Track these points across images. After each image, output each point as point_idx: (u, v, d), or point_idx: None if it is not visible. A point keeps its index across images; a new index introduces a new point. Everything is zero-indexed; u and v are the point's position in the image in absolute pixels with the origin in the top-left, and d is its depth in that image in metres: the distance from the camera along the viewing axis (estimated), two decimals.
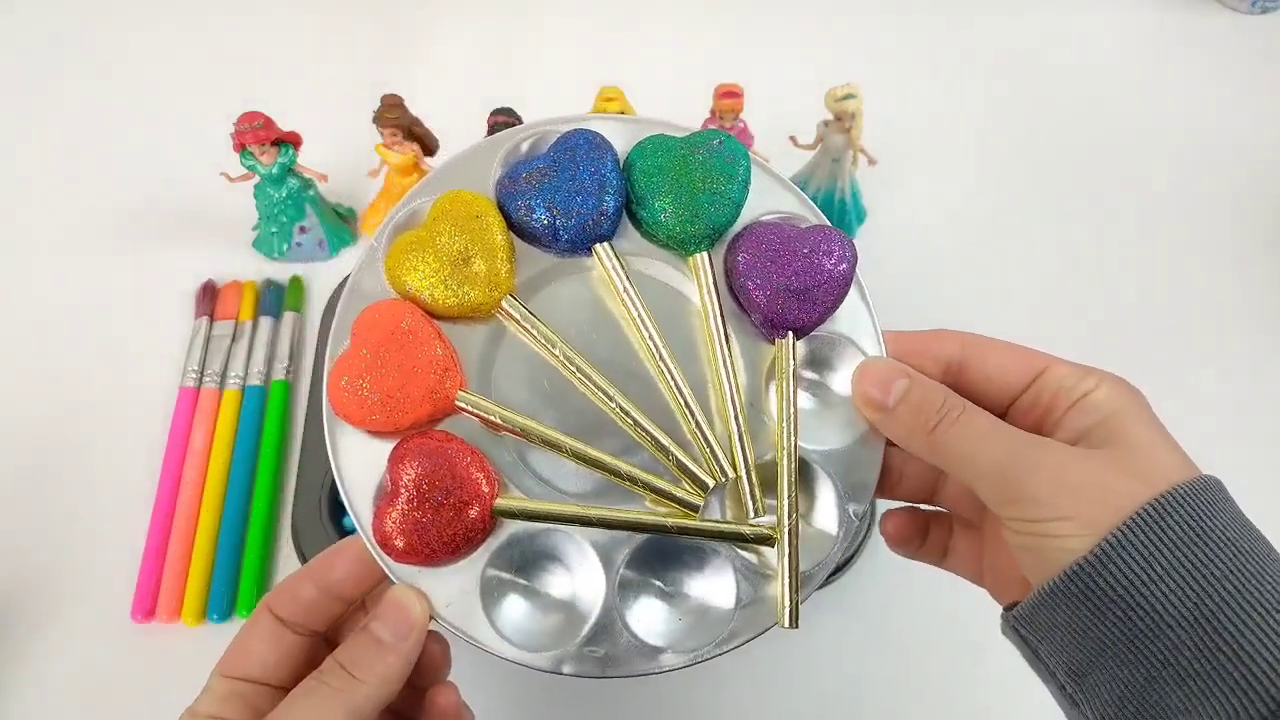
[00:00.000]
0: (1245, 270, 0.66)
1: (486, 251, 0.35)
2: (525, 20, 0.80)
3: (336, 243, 0.65)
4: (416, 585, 0.33)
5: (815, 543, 0.35)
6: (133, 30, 0.79)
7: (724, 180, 0.36)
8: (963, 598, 0.54)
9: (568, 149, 0.36)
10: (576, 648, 0.33)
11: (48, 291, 0.64)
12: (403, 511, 0.32)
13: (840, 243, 0.36)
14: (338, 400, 0.33)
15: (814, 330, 0.36)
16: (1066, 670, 0.30)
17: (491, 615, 0.33)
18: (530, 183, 0.36)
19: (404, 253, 0.35)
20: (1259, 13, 0.81)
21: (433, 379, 0.34)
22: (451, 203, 0.35)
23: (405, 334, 0.34)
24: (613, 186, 0.36)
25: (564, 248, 0.36)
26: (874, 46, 0.79)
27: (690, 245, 0.36)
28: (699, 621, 0.34)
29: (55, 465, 0.57)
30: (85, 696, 0.50)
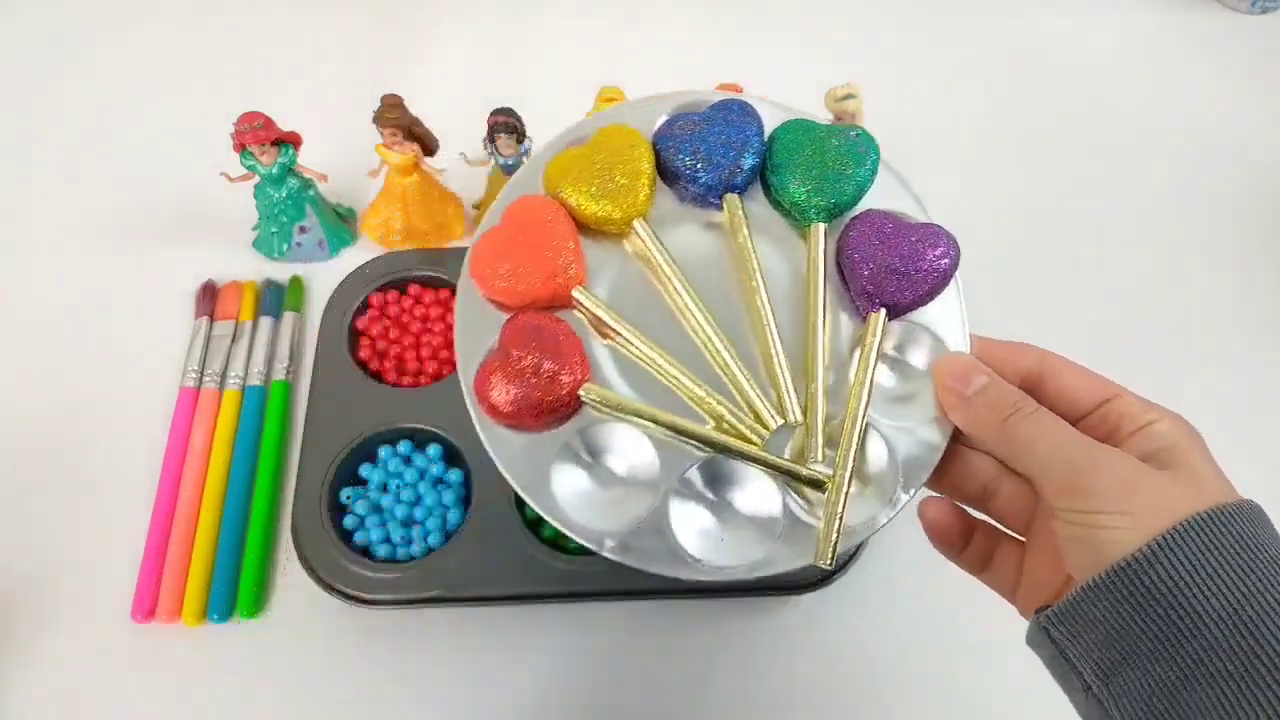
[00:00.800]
0: (1245, 270, 0.66)
1: (631, 176, 0.39)
2: (525, 20, 0.80)
3: (336, 243, 0.65)
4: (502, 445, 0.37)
5: (864, 503, 0.37)
6: (132, 30, 0.79)
7: (853, 165, 0.40)
8: (963, 598, 0.54)
9: (722, 109, 0.41)
10: (620, 535, 0.36)
11: (48, 291, 0.64)
12: (504, 370, 0.36)
13: (946, 239, 0.39)
14: (476, 263, 0.38)
15: (906, 314, 0.39)
16: (1095, 670, 0.31)
17: (555, 484, 0.36)
18: (684, 130, 0.40)
19: (563, 162, 0.40)
20: (1259, 13, 0.81)
21: (558, 266, 0.38)
22: (613, 132, 0.40)
23: (547, 224, 0.39)
24: (753, 148, 0.40)
25: (698, 190, 0.40)
26: (874, 46, 0.79)
27: (811, 214, 0.40)
28: (737, 545, 0.37)
29: (55, 465, 0.57)
30: (85, 696, 0.50)
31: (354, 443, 0.55)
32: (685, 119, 0.41)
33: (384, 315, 0.61)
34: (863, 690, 0.51)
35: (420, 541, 0.53)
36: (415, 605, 0.52)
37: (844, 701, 0.51)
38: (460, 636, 0.52)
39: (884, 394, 0.38)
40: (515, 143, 0.58)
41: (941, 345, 0.39)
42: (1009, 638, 0.53)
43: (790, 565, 0.37)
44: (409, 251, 0.64)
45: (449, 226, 0.65)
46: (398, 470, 0.55)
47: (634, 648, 0.52)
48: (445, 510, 0.54)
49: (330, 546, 0.52)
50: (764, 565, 0.36)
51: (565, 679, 0.52)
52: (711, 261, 0.40)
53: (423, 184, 0.62)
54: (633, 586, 0.51)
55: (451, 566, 0.51)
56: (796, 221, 0.41)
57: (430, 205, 0.63)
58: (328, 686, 0.51)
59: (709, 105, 0.41)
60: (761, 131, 0.41)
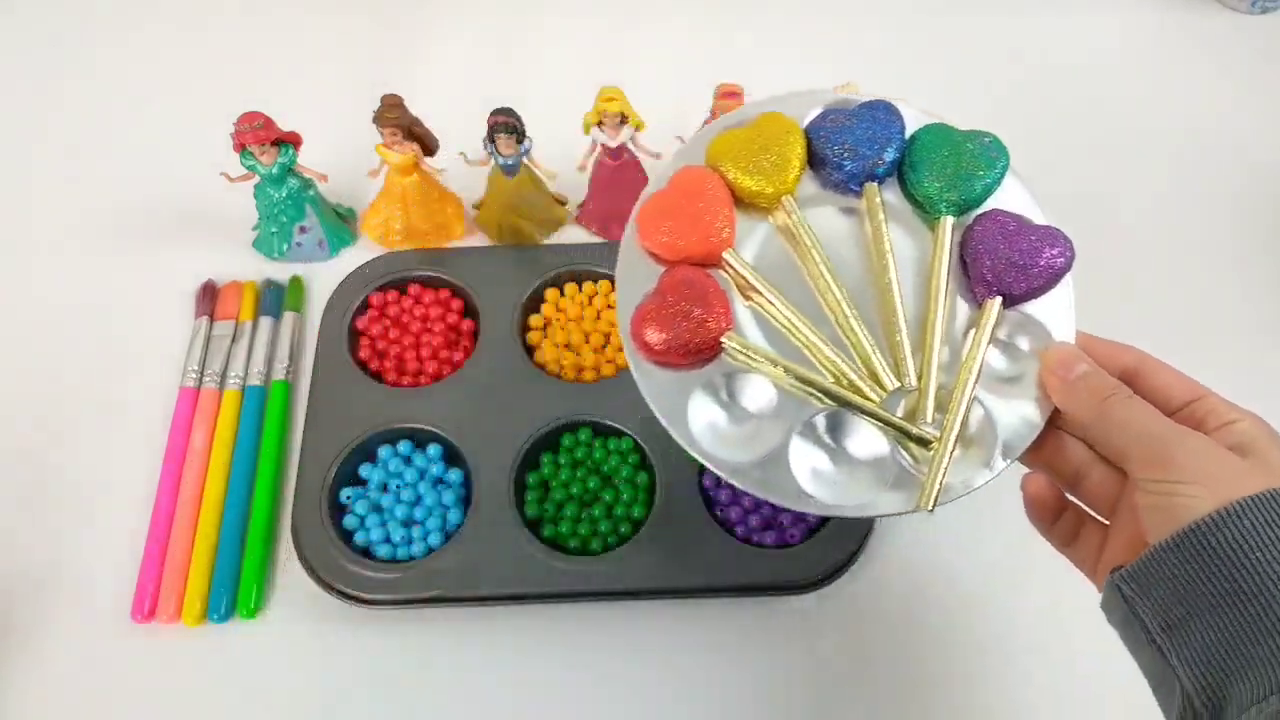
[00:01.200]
0: (1245, 270, 0.66)
1: (783, 158, 0.44)
2: (525, 20, 0.80)
3: (336, 243, 0.65)
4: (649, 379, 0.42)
5: (964, 465, 0.41)
6: (133, 30, 0.79)
7: (984, 167, 0.44)
8: (962, 599, 0.54)
9: (870, 108, 0.46)
10: (745, 465, 0.41)
11: (48, 291, 0.64)
12: (659, 312, 0.42)
13: (1064, 241, 0.43)
14: (643, 220, 0.44)
15: (1020, 304, 0.43)
16: (1160, 623, 0.34)
17: (690, 416, 0.41)
18: (835, 123, 0.45)
19: (725, 140, 0.45)
20: (1259, 13, 0.81)
21: (713, 229, 0.43)
22: (771, 119, 0.46)
23: (707, 192, 0.44)
24: (895, 144, 0.45)
25: (842, 177, 0.45)
26: (873, 46, 0.79)
27: (941, 208, 0.44)
28: (848, 487, 0.41)
29: (55, 465, 0.57)
30: (86, 696, 0.50)
31: (354, 443, 0.55)
32: (837, 113, 0.46)
33: (384, 315, 0.61)
34: (863, 690, 0.51)
35: (420, 541, 0.53)
36: (415, 605, 0.52)
37: (844, 701, 0.51)
38: (460, 636, 0.52)
39: (992, 373, 0.42)
40: (515, 142, 0.58)
41: (1048, 335, 0.42)
42: (1008, 638, 0.54)
43: (892, 510, 0.41)
44: (409, 251, 0.64)
45: (449, 226, 0.65)
46: (398, 470, 0.55)
47: (633, 648, 0.52)
48: (445, 510, 0.54)
49: (330, 546, 0.52)
50: (869, 507, 0.41)
51: (565, 679, 0.52)
52: (845, 241, 0.45)
53: (423, 184, 0.62)
54: (632, 587, 0.51)
55: (451, 567, 0.52)
56: (926, 214, 0.45)
57: (430, 205, 0.63)
58: (328, 686, 0.51)
59: (859, 103, 0.46)
60: (903, 130, 0.46)
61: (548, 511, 0.54)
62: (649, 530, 0.52)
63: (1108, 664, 0.53)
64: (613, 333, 0.60)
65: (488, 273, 0.62)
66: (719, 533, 0.52)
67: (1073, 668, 0.52)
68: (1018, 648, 0.53)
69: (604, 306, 0.61)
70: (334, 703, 0.51)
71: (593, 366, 0.59)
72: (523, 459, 0.55)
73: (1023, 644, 0.53)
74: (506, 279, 0.62)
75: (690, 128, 0.61)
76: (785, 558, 0.52)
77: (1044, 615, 0.54)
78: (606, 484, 0.55)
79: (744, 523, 0.53)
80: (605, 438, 0.56)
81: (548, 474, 0.55)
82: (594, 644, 0.52)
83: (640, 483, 0.55)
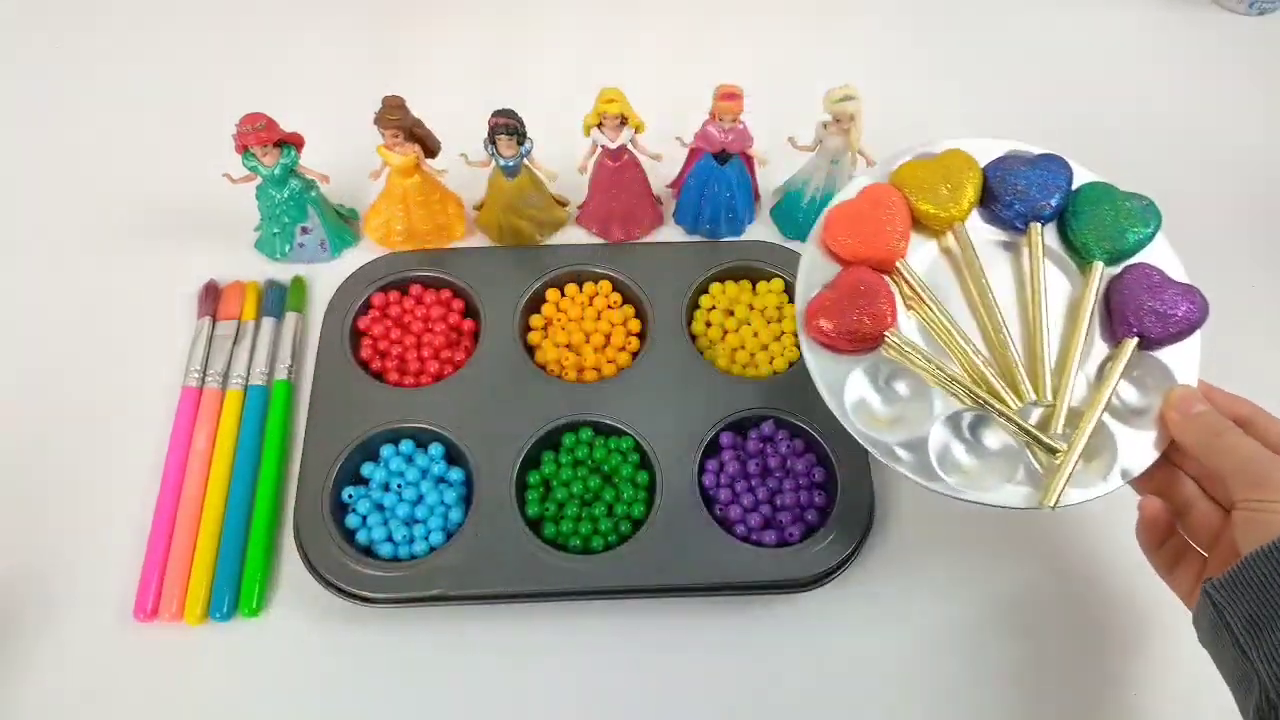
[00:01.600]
0: (1244, 270, 0.66)
1: (959, 189, 0.52)
2: (526, 22, 0.80)
3: (338, 243, 0.65)
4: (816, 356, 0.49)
5: (1084, 476, 0.47)
6: (134, 30, 0.79)
7: (1139, 225, 0.51)
8: (960, 599, 0.54)
9: (1045, 159, 0.53)
10: (888, 442, 0.47)
11: (51, 291, 0.65)
12: (833, 301, 0.49)
13: (1201, 300, 0.49)
14: (830, 223, 0.51)
15: (1153, 348, 0.49)
16: (1245, 623, 0.38)
17: (847, 394, 0.48)
18: (1011, 166, 0.52)
19: (912, 168, 0.53)
20: (1256, 14, 0.81)
21: (892, 238, 0.50)
22: (954, 155, 0.53)
23: (890, 207, 0.51)
24: (1062, 193, 0.52)
25: (1010, 215, 0.52)
26: (873, 48, 0.79)
27: (1095, 254, 0.51)
28: (979, 478, 0.47)
29: (59, 464, 0.57)
30: (89, 696, 0.51)
31: (356, 442, 0.55)
32: (1015, 158, 0.53)
33: (386, 315, 0.61)
34: (862, 690, 0.52)
35: (422, 540, 0.53)
36: (417, 604, 0.52)
37: (843, 701, 0.51)
38: (461, 635, 0.52)
39: (1120, 402, 0.49)
40: (515, 144, 0.59)
41: (1173, 378, 0.48)
42: (1007, 637, 0.54)
43: (1016, 503, 0.46)
44: (410, 252, 0.64)
45: (450, 227, 0.65)
46: (400, 469, 0.55)
47: (634, 646, 0.52)
48: (447, 509, 0.54)
49: (333, 545, 0.52)
50: (994, 499, 0.47)
51: (565, 677, 0.52)
52: (999, 269, 0.52)
53: (424, 185, 0.62)
54: (633, 585, 0.52)
55: (453, 565, 0.52)
56: (1080, 258, 0.51)
57: (431, 206, 0.63)
58: (329, 685, 0.51)
59: (1036, 153, 0.53)
60: (1071, 182, 0.52)
61: (549, 510, 0.54)
62: (649, 529, 0.53)
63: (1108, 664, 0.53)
64: (613, 332, 0.61)
65: (489, 273, 0.62)
66: (719, 532, 0.53)
67: (1073, 667, 0.52)
68: (1016, 647, 0.53)
69: (604, 307, 0.62)
70: (336, 701, 0.51)
71: (593, 366, 0.60)
72: (524, 458, 0.55)
73: (1021, 645, 0.53)
74: (508, 279, 0.62)
75: (690, 129, 0.61)
76: (785, 556, 0.52)
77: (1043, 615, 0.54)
78: (607, 483, 0.55)
79: (744, 521, 0.54)
80: (606, 437, 0.56)
81: (549, 473, 0.55)
82: (594, 643, 0.53)
83: (641, 482, 0.55)
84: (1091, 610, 0.54)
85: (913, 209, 0.52)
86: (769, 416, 0.57)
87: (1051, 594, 0.54)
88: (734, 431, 0.56)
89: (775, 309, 0.62)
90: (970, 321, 0.50)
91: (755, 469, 0.55)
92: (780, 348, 0.60)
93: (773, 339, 0.60)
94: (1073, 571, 0.55)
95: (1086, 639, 0.53)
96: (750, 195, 0.66)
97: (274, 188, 0.61)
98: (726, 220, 0.65)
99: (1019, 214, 0.51)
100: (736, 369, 0.59)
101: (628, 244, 0.65)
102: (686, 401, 0.57)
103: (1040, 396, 0.48)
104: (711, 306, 0.62)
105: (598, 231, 0.66)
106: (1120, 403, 0.49)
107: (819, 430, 0.55)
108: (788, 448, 0.56)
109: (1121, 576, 0.54)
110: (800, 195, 0.65)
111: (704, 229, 0.66)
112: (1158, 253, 0.52)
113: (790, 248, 0.64)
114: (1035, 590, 0.54)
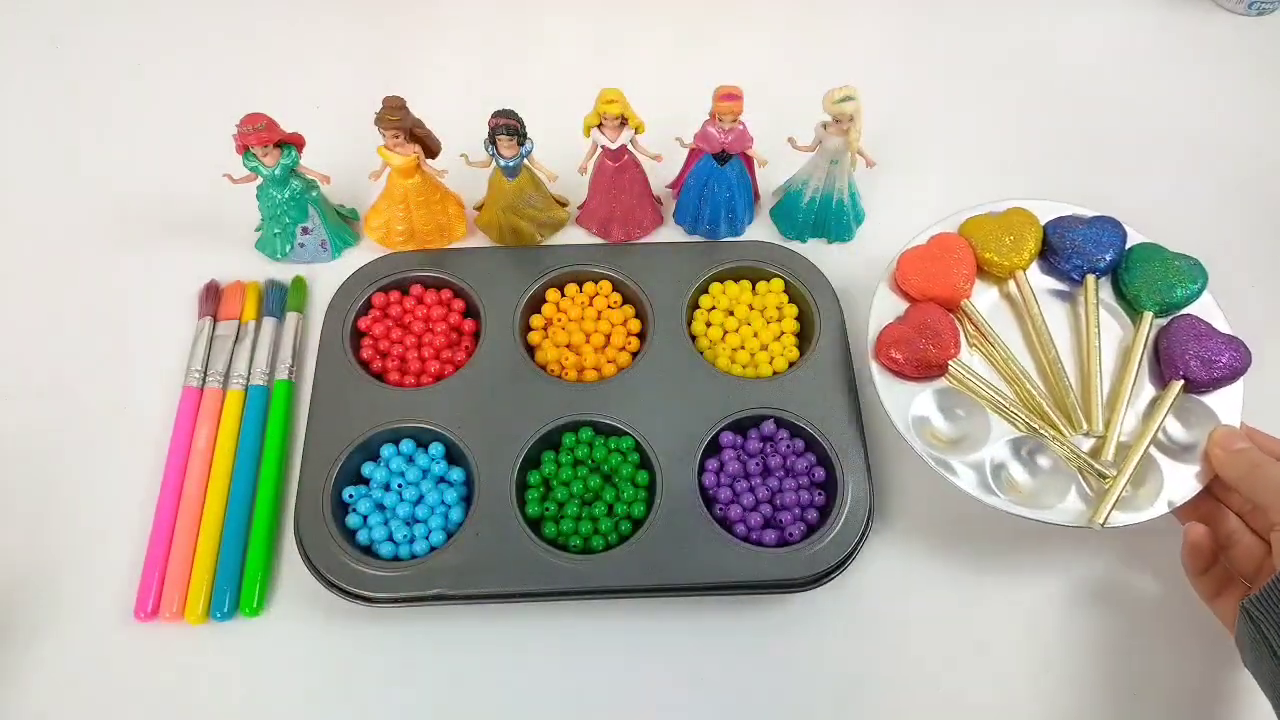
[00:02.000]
0: (1244, 270, 0.66)
1: (1020, 241, 0.58)
2: (526, 22, 0.80)
3: (339, 244, 0.65)
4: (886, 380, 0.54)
5: (1131, 502, 0.51)
6: (134, 29, 0.79)
7: (1187, 281, 0.56)
8: (960, 599, 0.55)
9: (1099, 220, 0.59)
10: (949, 461, 0.52)
11: (51, 292, 0.65)
12: (903, 331, 0.55)
13: (1245, 351, 0.54)
14: (904, 264, 0.58)
15: (1197, 392, 0.54)
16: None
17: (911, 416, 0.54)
18: (1070, 224, 0.59)
19: (979, 221, 0.60)
20: (1255, 14, 0.81)
21: (958, 281, 0.57)
22: (1017, 212, 0.60)
23: (959, 252, 0.58)
24: (1116, 250, 0.58)
25: (1067, 267, 0.58)
26: (873, 48, 0.79)
27: (1145, 305, 0.56)
28: (1032, 497, 0.52)
29: (59, 464, 0.57)
30: (89, 695, 0.51)
31: (356, 442, 0.55)
32: (1073, 218, 0.59)
33: (386, 315, 0.61)
34: (861, 689, 0.52)
35: (422, 540, 0.53)
36: (417, 603, 0.52)
37: (843, 700, 0.51)
38: (462, 634, 0.53)
39: (1167, 438, 0.53)
40: (516, 144, 0.59)
41: (1217, 419, 0.53)
42: (1006, 637, 0.54)
43: (1065, 521, 0.50)
44: (411, 252, 0.64)
45: (451, 228, 0.65)
46: (400, 469, 0.55)
47: (634, 646, 0.52)
48: (447, 509, 0.54)
49: (333, 545, 0.52)
50: (1046, 515, 0.51)
51: (565, 677, 0.52)
52: (1055, 315, 0.58)
53: (424, 186, 0.62)
54: (633, 585, 0.52)
55: (453, 565, 0.52)
56: (1131, 309, 0.57)
57: (432, 207, 0.63)
58: (330, 684, 0.51)
59: (1091, 215, 0.59)
60: (1124, 240, 0.58)
61: (549, 510, 0.54)
62: (650, 529, 0.53)
63: (1106, 663, 0.53)
64: (613, 332, 0.61)
65: (489, 273, 0.63)
66: (719, 531, 0.53)
67: (1072, 666, 0.52)
68: (1015, 647, 0.53)
69: (604, 307, 0.62)
70: (337, 700, 0.51)
71: (594, 366, 0.60)
72: (524, 458, 0.55)
73: (1019, 644, 0.53)
74: (508, 279, 0.62)
75: (690, 130, 0.61)
76: (785, 556, 0.52)
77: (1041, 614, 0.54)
78: (607, 483, 0.55)
79: (744, 521, 0.54)
80: (606, 437, 0.57)
81: (549, 473, 0.55)
82: (595, 642, 0.53)
83: (641, 481, 0.55)
84: (1091, 610, 0.54)
85: (978, 257, 0.58)
86: (769, 416, 0.57)
87: (1052, 594, 0.54)
88: (734, 431, 0.57)
89: (775, 309, 0.62)
90: (1028, 359, 0.56)
91: (755, 468, 0.55)
92: (780, 347, 0.60)
93: (773, 339, 0.61)
94: (1072, 574, 0.55)
95: (1087, 639, 0.53)
96: (750, 195, 0.66)
97: (275, 188, 0.61)
98: (726, 220, 0.65)
99: (1076, 267, 0.58)
100: (737, 369, 0.60)
101: (628, 244, 0.66)
102: (687, 401, 0.57)
103: (1092, 427, 0.53)
104: (712, 307, 0.62)
105: (598, 232, 0.66)
106: (1168, 439, 0.53)
107: (819, 430, 0.56)
108: (788, 447, 0.56)
109: (1120, 578, 0.55)
110: (800, 195, 0.65)
111: (704, 229, 0.66)
112: (1204, 306, 0.57)
113: (790, 248, 0.64)
114: (1036, 590, 0.54)
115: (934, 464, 0.51)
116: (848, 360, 0.59)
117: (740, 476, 0.55)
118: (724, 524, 0.54)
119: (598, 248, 0.65)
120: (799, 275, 0.62)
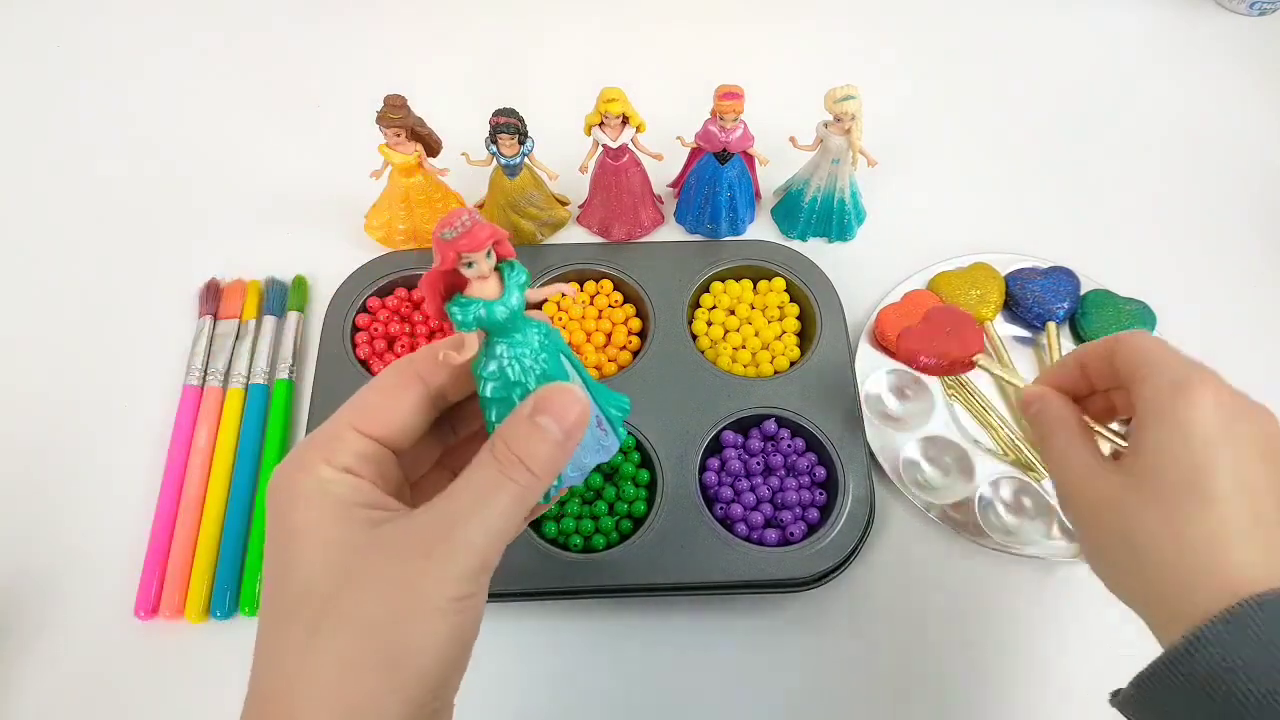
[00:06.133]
0: (1245, 270, 0.66)
1: (986, 294, 0.62)
2: (527, 22, 0.80)
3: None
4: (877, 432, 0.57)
5: None
6: (133, 25, 0.79)
7: (1138, 323, 0.61)
8: (961, 598, 0.54)
9: (1055, 271, 0.63)
10: (939, 505, 0.56)
11: (51, 290, 0.65)
12: (924, 329, 0.55)
13: None
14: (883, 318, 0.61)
15: None
16: None
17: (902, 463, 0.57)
18: (1028, 276, 0.63)
19: (944, 277, 0.63)
20: (1257, 14, 0.81)
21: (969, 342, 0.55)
22: (981, 267, 0.64)
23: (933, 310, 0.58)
24: (1072, 298, 0.62)
25: (1028, 316, 0.63)
26: (874, 47, 0.79)
27: None
28: (1019, 532, 0.55)
29: (60, 462, 0.57)
30: (89, 694, 0.51)
31: None
32: (1031, 270, 0.64)
33: (387, 315, 0.61)
34: (864, 686, 0.52)
35: None
36: None
37: (844, 699, 0.51)
38: None
39: None
40: (517, 143, 0.59)
41: None
42: (1006, 637, 0.54)
43: (1050, 554, 0.54)
44: (412, 251, 0.64)
45: None
46: None
47: (635, 645, 0.52)
48: None
49: None
50: (1033, 548, 0.54)
51: (565, 676, 0.52)
52: (1022, 360, 0.62)
53: (426, 184, 0.62)
54: (634, 584, 0.52)
55: None
56: None
57: (433, 205, 0.63)
58: None
59: (1048, 266, 0.64)
60: (1079, 289, 0.63)
61: (550, 509, 0.54)
62: (651, 528, 0.53)
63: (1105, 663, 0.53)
64: (614, 331, 0.61)
65: None
66: (720, 530, 0.53)
67: (1071, 665, 0.52)
68: (1015, 647, 0.53)
69: (606, 306, 0.62)
70: None
71: (595, 365, 0.60)
72: None
73: (1018, 643, 0.53)
74: None
75: (691, 129, 0.61)
76: (786, 555, 0.52)
77: (1039, 613, 0.54)
78: (608, 482, 0.55)
79: (745, 520, 0.54)
80: None
81: None
82: (595, 642, 0.53)
83: (642, 480, 0.55)
84: (1090, 607, 0.54)
85: None
86: (770, 415, 0.57)
87: (1052, 595, 0.54)
88: (735, 430, 0.57)
89: (776, 308, 0.62)
90: (1002, 401, 0.60)
91: (757, 467, 0.55)
92: (781, 347, 0.60)
93: (774, 338, 0.61)
94: (1073, 573, 0.55)
95: (1086, 640, 0.53)
96: (751, 195, 0.66)
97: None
98: (727, 220, 0.65)
99: (1036, 314, 0.62)
100: (738, 368, 0.60)
101: (629, 243, 0.66)
102: (688, 400, 0.57)
103: None
104: (713, 306, 0.62)
105: (599, 231, 0.66)
106: None
107: (820, 429, 0.56)
108: (789, 446, 0.56)
109: None
110: (801, 195, 0.65)
111: (705, 228, 0.66)
112: None
113: (791, 247, 0.64)
114: (1035, 590, 0.54)
115: (924, 509, 0.55)
116: (849, 359, 0.59)
117: (741, 475, 0.55)
118: (725, 523, 0.53)
119: (599, 247, 0.65)
120: (800, 274, 0.62)
